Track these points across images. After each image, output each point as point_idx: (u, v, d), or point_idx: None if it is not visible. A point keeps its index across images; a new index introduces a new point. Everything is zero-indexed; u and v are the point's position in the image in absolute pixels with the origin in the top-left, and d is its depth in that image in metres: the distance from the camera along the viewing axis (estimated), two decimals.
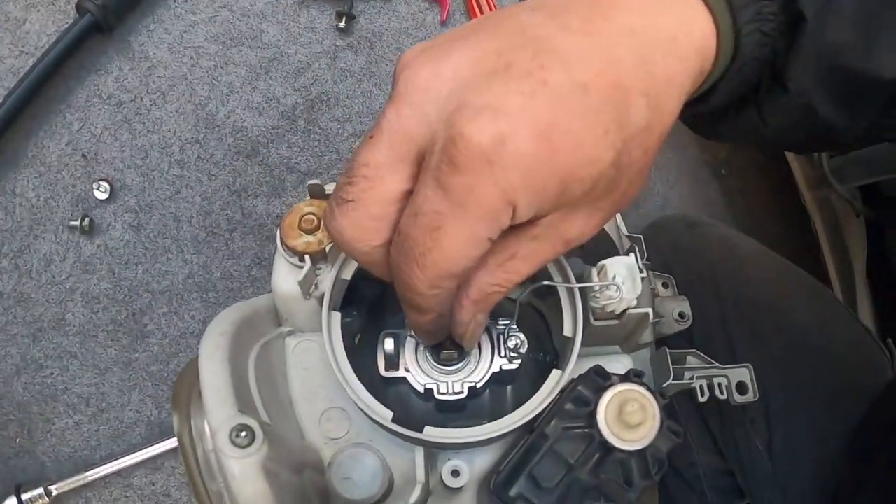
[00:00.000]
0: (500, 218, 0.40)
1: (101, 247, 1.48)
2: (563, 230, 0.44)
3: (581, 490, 0.53)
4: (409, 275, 0.42)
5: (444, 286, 0.42)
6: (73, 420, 1.44)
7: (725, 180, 1.80)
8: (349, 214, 0.43)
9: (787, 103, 0.52)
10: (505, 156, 0.38)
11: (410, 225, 0.41)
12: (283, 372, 0.60)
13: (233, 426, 0.40)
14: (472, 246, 0.40)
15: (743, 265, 1.04)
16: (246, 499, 0.41)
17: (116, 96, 1.52)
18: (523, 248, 0.44)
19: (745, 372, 0.68)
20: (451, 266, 0.41)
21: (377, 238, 0.43)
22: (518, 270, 0.45)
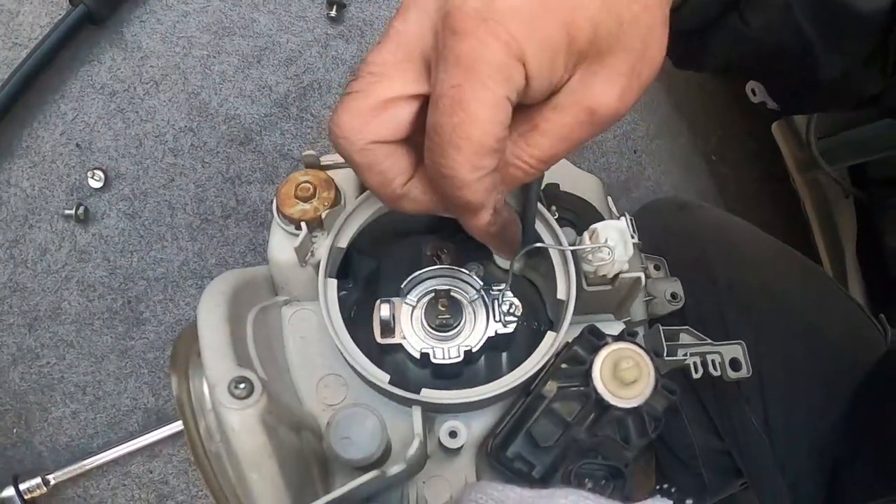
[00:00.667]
0: (513, 75, 0.40)
1: (96, 235, 1.48)
2: (583, 96, 0.43)
3: (579, 450, 0.54)
4: (449, 165, 0.41)
5: (484, 165, 0.42)
6: (70, 409, 1.45)
7: (716, 166, 1.81)
8: (349, 105, 0.43)
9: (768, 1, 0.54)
10: (497, 8, 0.38)
11: (435, 114, 0.41)
12: (279, 341, 0.60)
13: (231, 378, 0.41)
14: (495, 108, 0.40)
15: (735, 246, 1.04)
16: (245, 451, 0.41)
17: (110, 86, 1.52)
18: (545, 119, 0.44)
19: (737, 348, 0.68)
20: (483, 136, 0.40)
21: (373, 132, 0.43)
22: (540, 145, 0.44)
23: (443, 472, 0.58)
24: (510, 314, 0.59)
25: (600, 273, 0.59)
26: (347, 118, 0.43)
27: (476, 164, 0.41)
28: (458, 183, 0.42)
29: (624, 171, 1.72)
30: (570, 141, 0.45)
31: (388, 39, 0.43)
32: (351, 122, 0.43)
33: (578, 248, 0.58)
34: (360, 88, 0.43)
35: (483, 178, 0.42)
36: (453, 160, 0.41)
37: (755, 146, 1.81)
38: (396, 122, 0.44)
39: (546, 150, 0.45)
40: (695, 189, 1.78)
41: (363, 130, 0.43)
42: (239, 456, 0.42)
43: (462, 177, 0.42)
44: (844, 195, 1.59)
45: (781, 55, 0.59)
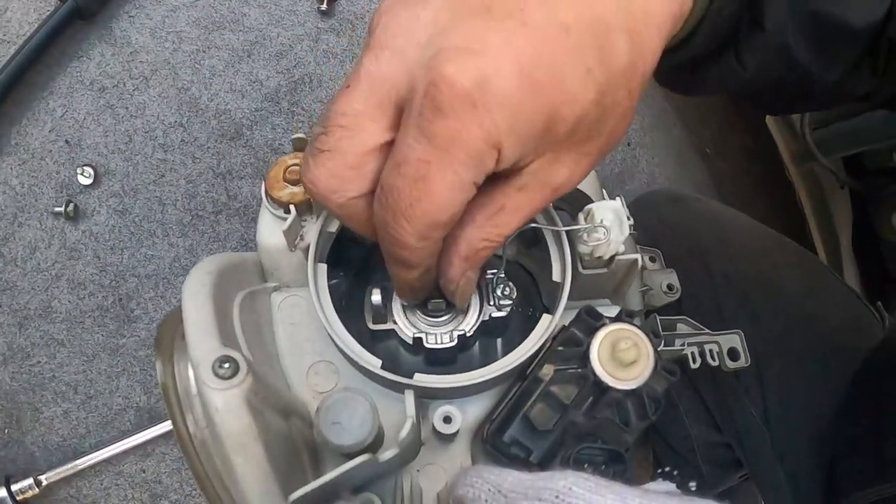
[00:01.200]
0: (486, 161, 0.39)
1: (86, 232, 1.47)
2: (549, 177, 0.43)
3: (577, 434, 0.52)
4: (396, 229, 0.41)
5: (432, 237, 0.41)
6: (61, 408, 1.43)
7: (711, 160, 1.82)
8: (325, 164, 0.42)
9: (765, 42, 0.53)
10: (488, 96, 0.37)
11: (395, 177, 0.39)
12: (269, 327, 0.59)
13: (216, 357, 0.39)
14: (459, 191, 0.39)
15: (730, 237, 1.04)
16: (229, 433, 0.40)
17: (99, 82, 1.51)
18: (511, 199, 0.43)
19: (735, 338, 0.68)
20: (439, 214, 0.40)
21: (354, 189, 0.42)
22: (507, 223, 0.44)
23: (438, 460, 0.56)
24: (504, 297, 0.58)
25: (596, 255, 0.58)
26: (323, 177, 0.42)
27: (424, 235, 0.41)
28: (401, 244, 0.42)
29: (618, 163, 1.71)
30: (531, 215, 0.45)
31: (359, 82, 0.41)
32: (328, 182, 0.42)
33: (573, 228, 0.57)
34: (332, 146, 0.41)
35: (427, 246, 0.42)
36: (402, 228, 0.41)
37: (749, 138, 1.82)
38: (375, 171, 0.42)
39: (512, 226, 0.45)
40: (689, 181, 1.78)
41: (341, 189, 0.42)
42: (223, 438, 0.40)
43: (406, 242, 0.41)
44: (840, 186, 1.59)
45: (776, 87, 0.59)
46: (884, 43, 0.54)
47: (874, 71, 0.57)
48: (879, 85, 0.58)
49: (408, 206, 0.39)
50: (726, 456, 1.09)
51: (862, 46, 0.54)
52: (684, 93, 0.66)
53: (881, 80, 0.57)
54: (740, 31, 0.54)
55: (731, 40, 0.55)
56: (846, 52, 0.55)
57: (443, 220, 0.40)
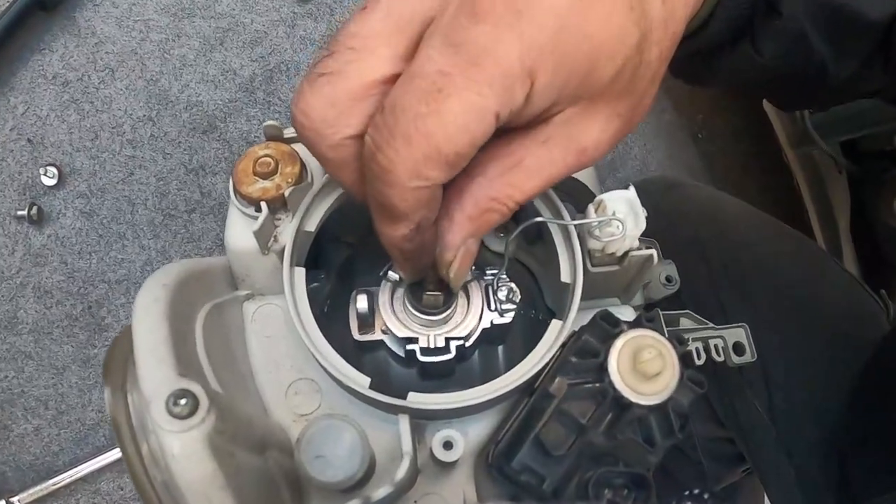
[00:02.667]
0: (516, 89, 0.33)
1: (52, 237, 1.42)
2: (578, 133, 0.38)
3: (595, 456, 0.46)
4: (388, 155, 0.34)
5: (430, 176, 0.34)
6: (32, 425, 1.38)
7: (703, 144, 1.80)
8: (322, 90, 0.35)
9: (781, 29, 0.51)
10: (537, 7, 0.32)
11: (403, 93, 0.33)
12: (241, 341, 0.52)
13: (170, 392, 0.33)
14: (477, 119, 0.33)
15: (727, 225, 1.01)
16: (189, 483, 0.33)
17: (62, 76, 1.46)
18: (532, 154, 0.38)
19: (741, 332, 0.63)
20: (447, 143, 0.33)
21: (353, 125, 0.36)
22: (523, 184, 0.38)
23: (437, 489, 0.50)
24: (508, 301, 0.51)
25: (608, 251, 0.52)
26: (319, 106, 0.36)
27: (421, 170, 0.34)
28: (390, 180, 0.34)
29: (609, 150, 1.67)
30: (552, 181, 0.39)
31: (378, 2, 0.35)
32: (324, 111, 0.36)
33: (585, 221, 0.51)
34: (336, 69, 0.35)
35: (420, 188, 0.35)
36: (396, 153, 0.34)
37: (742, 122, 1.80)
38: (375, 109, 0.36)
39: (527, 190, 0.39)
40: (682, 167, 1.76)
41: (338, 123, 0.36)
42: (182, 489, 0.34)
43: (397, 175, 0.34)
44: (837, 170, 1.59)
45: (792, 77, 0.57)
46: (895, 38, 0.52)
47: (886, 67, 0.55)
48: (891, 82, 0.57)
49: (411, 124, 0.33)
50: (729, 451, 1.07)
51: (875, 40, 0.53)
52: (698, 83, 0.64)
53: (893, 78, 0.56)
54: (756, 18, 0.52)
55: (747, 28, 0.53)
56: (860, 45, 0.53)
57: (446, 155, 0.33)
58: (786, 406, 0.91)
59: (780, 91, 0.63)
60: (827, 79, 0.56)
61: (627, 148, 1.70)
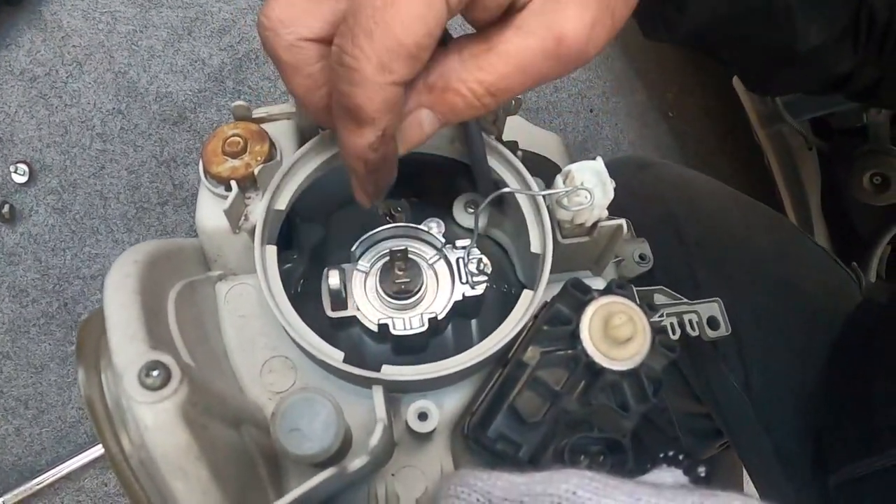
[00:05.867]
0: None
1: (25, 234, 1.40)
2: (554, 20, 0.37)
3: (570, 423, 0.46)
4: (355, 55, 0.35)
5: (395, 69, 0.35)
6: (12, 426, 1.37)
7: (674, 123, 1.80)
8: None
9: None
10: None
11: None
12: (215, 322, 0.52)
13: (142, 364, 0.32)
14: (429, 7, 0.34)
15: (700, 202, 1.02)
16: (164, 454, 0.33)
17: (30, 71, 1.44)
18: (506, 40, 0.38)
19: (714, 306, 0.64)
20: (404, 33, 0.34)
21: (310, 25, 0.37)
22: (494, 68, 0.38)
23: (414, 461, 0.50)
24: (479, 273, 0.52)
25: (577, 221, 0.52)
26: (279, 7, 0.37)
27: (386, 62, 0.35)
28: (357, 78, 0.35)
29: (581, 130, 1.68)
30: (527, 73, 0.38)
31: None
32: (282, 11, 0.37)
33: (552, 192, 0.51)
34: None
35: (387, 85, 0.36)
36: (361, 49, 0.35)
37: (712, 101, 1.81)
38: (335, 16, 0.37)
39: (499, 75, 0.38)
40: (654, 146, 1.77)
41: (295, 23, 0.37)
42: (157, 461, 0.33)
43: (364, 72, 0.35)
44: (808, 147, 1.59)
45: (760, 20, 0.56)
46: (864, 14, 0.53)
47: (855, 48, 0.55)
48: (857, 69, 0.57)
49: (370, 18, 0.34)
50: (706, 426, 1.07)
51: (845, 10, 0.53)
52: (669, 35, 0.63)
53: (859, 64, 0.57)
54: None
55: None
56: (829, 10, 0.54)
57: (407, 45, 0.34)
58: (762, 380, 0.91)
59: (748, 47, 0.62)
60: (796, 39, 0.55)
61: (598, 128, 1.70)
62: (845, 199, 1.54)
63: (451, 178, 0.59)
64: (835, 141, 1.56)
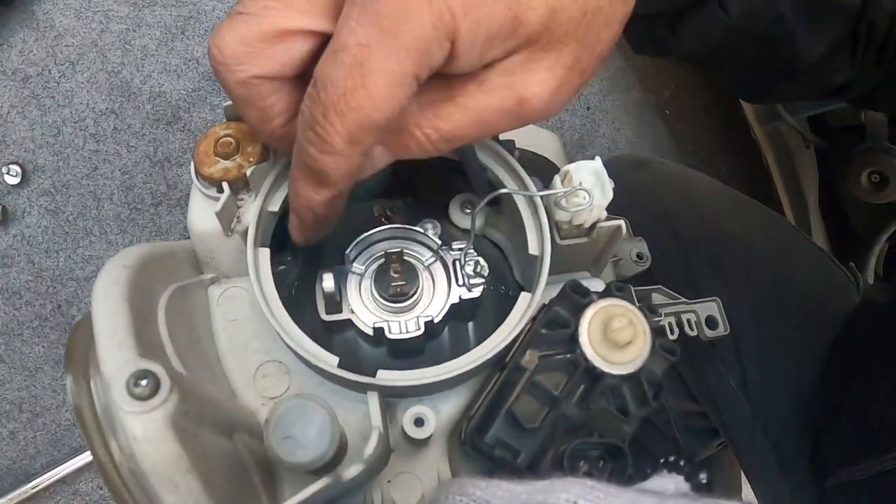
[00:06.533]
0: (433, 52, 0.35)
1: (17, 236, 1.39)
2: (518, 83, 0.38)
3: (569, 428, 0.46)
4: (325, 127, 0.35)
5: (363, 141, 0.36)
6: (6, 429, 1.36)
7: (671, 121, 1.80)
8: (237, 28, 0.37)
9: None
10: None
11: (330, 66, 0.35)
12: (207, 326, 0.51)
13: (130, 373, 0.32)
14: (400, 86, 0.35)
15: (697, 201, 1.01)
16: (153, 466, 0.32)
17: (22, 70, 1.43)
18: (467, 94, 0.38)
19: (713, 306, 0.64)
20: (375, 112, 0.35)
21: (261, 66, 0.38)
22: (451, 119, 0.39)
23: (411, 468, 0.49)
24: (476, 275, 0.51)
25: (576, 222, 0.52)
26: (232, 43, 0.37)
27: (356, 137, 0.36)
28: (327, 149, 0.37)
29: (577, 128, 1.67)
30: (485, 126, 0.40)
31: None
32: (235, 48, 0.37)
33: (550, 192, 0.50)
34: (254, 11, 0.37)
35: (355, 154, 0.37)
36: (332, 125, 0.36)
37: (709, 98, 1.80)
38: (288, 57, 0.38)
39: (455, 126, 0.39)
40: (650, 144, 1.77)
41: (248, 62, 0.37)
42: (147, 473, 0.33)
43: (334, 144, 0.36)
44: (805, 145, 1.59)
45: (758, 43, 0.56)
46: (863, 26, 0.53)
47: (853, 58, 0.56)
48: (855, 78, 0.58)
49: (341, 98, 0.35)
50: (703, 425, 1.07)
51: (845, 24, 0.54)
52: (660, 52, 0.63)
53: (858, 73, 0.57)
54: None
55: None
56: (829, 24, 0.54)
57: (377, 121, 0.36)
58: (759, 380, 0.91)
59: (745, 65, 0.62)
60: (795, 58, 0.56)
61: (595, 126, 1.70)
62: (843, 197, 1.54)
63: (446, 177, 0.59)
64: (833, 139, 1.56)
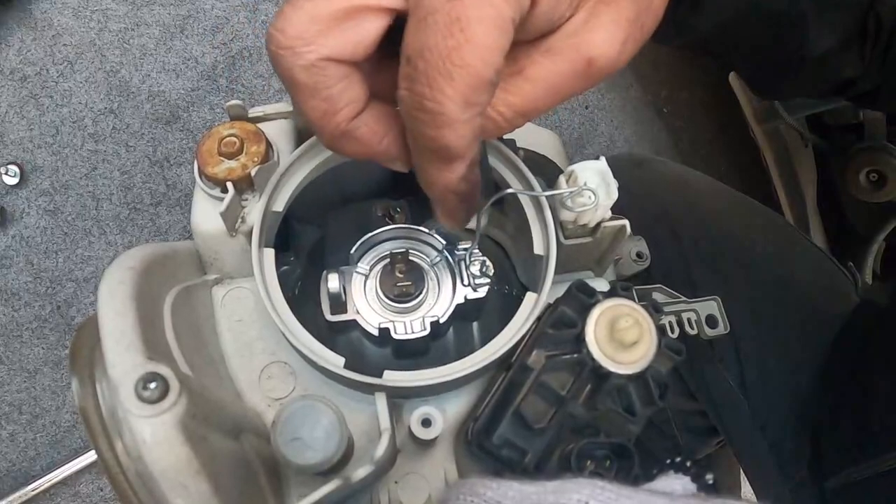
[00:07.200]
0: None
1: (16, 237, 1.38)
2: (584, 41, 0.37)
3: (576, 428, 0.46)
4: (438, 98, 0.33)
5: (480, 101, 0.34)
6: (6, 431, 1.35)
7: (669, 119, 1.80)
8: (304, 6, 0.34)
9: None
10: None
11: (423, 35, 0.33)
12: (211, 327, 0.51)
13: (139, 376, 0.31)
14: (501, 31, 0.33)
15: (696, 200, 1.01)
16: (163, 470, 0.32)
17: (20, 70, 1.42)
18: (535, 63, 0.37)
19: (713, 304, 0.64)
20: (484, 65, 0.33)
21: (330, 45, 0.35)
22: (524, 92, 0.37)
23: (417, 468, 0.49)
24: (482, 275, 0.51)
25: (581, 222, 0.52)
26: (298, 22, 0.34)
27: (470, 98, 0.33)
28: (444, 121, 0.34)
29: (576, 127, 1.67)
30: (558, 93, 0.38)
31: None
32: (303, 28, 0.34)
33: (556, 192, 0.50)
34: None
35: (473, 118, 0.35)
36: (442, 93, 0.33)
37: (707, 96, 1.80)
38: (361, 36, 0.35)
39: (529, 100, 0.38)
40: (649, 142, 1.77)
41: (317, 41, 0.34)
42: (156, 477, 0.32)
43: (450, 113, 0.34)
44: (804, 144, 1.58)
45: (774, 23, 0.55)
46: (872, 20, 0.53)
47: (861, 54, 0.55)
48: (863, 75, 0.57)
49: (445, 60, 0.32)
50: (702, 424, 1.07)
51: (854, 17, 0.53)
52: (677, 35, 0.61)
53: (866, 70, 0.57)
54: None
55: None
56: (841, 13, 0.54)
57: (488, 75, 0.33)
58: (758, 380, 0.91)
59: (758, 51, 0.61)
60: (804, 47, 0.55)
61: (594, 125, 1.69)
62: (841, 196, 1.53)
63: None
64: (831, 137, 1.55)
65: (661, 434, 1.08)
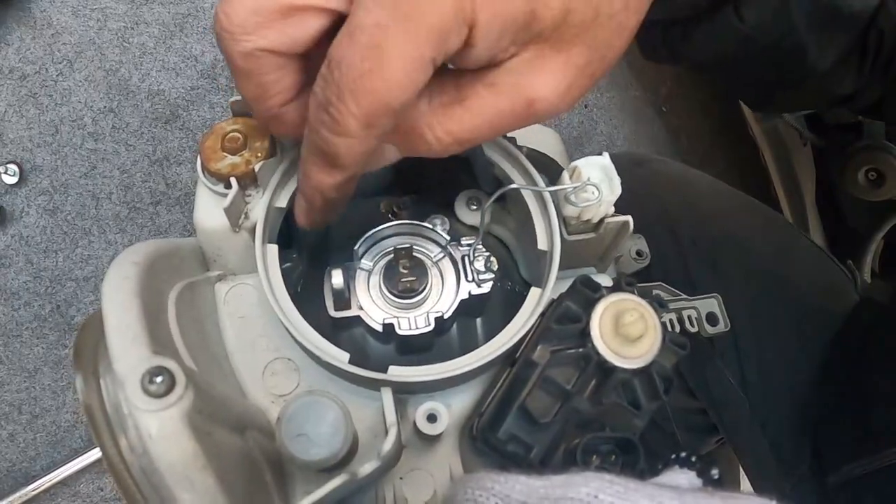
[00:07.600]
0: (451, 37, 0.34)
1: (16, 236, 1.38)
2: (527, 81, 0.38)
3: (581, 422, 0.46)
4: (339, 109, 0.35)
5: (378, 125, 0.36)
6: (6, 431, 1.35)
7: (669, 118, 1.80)
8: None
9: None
10: None
11: (344, 46, 0.34)
12: (214, 323, 0.51)
13: (145, 370, 0.31)
14: (417, 69, 0.34)
15: (696, 199, 1.01)
16: (169, 465, 0.32)
17: (19, 69, 1.42)
18: (477, 95, 0.38)
19: (713, 302, 0.64)
20: (390, 95, 0.34)
21: (269, 37, 0.37)
22: (461, 121, 0.38)
23: (423, 464, 0.49)
24: (486, 270, 0.51)
25: (584, 217, 0.52)
26: (242, 11, 0.36)
27: (371, 121, 0.35)
28: (341, 131, 0.36)
29: (576, 126, 1.67)
30: (496, 128, 0.40)
31: None
32: (246, 17, 0.36)
33: (560, 188, 0.50)
34: None
35: (370, 137, 0.36)
36: (346, 107, 0.35)
37: (706, 95, 1.80)
38: (299, 33, 0.37)
39: (465, 129, 0.39)
40: (648, 141, 1.77)
41: (257, 32, 0.36)
42: (162, 471, 0.32)
43: (349, 127, 0.36)
44: (802, 143, 1.59)
45: (771, 53, 0.56)
46: (873, 35, 0.53)
47: (860, 68, 0.56)
48: (862, 88, 0.58)
49: (357, 80, 0.34)
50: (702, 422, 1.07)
51: (854, 34, 0.54)
52: (671, 59, 0.63)
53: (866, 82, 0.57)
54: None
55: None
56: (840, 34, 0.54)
57: (393, 105, 0.35)
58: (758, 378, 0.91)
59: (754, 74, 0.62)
60: (805, 69, 0.56)
61: (593, 123, 1.69)
62: (840, 195, 1.54)
63: (451, 173, 0.58)
64: (830, 136, 1.55)
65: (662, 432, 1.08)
